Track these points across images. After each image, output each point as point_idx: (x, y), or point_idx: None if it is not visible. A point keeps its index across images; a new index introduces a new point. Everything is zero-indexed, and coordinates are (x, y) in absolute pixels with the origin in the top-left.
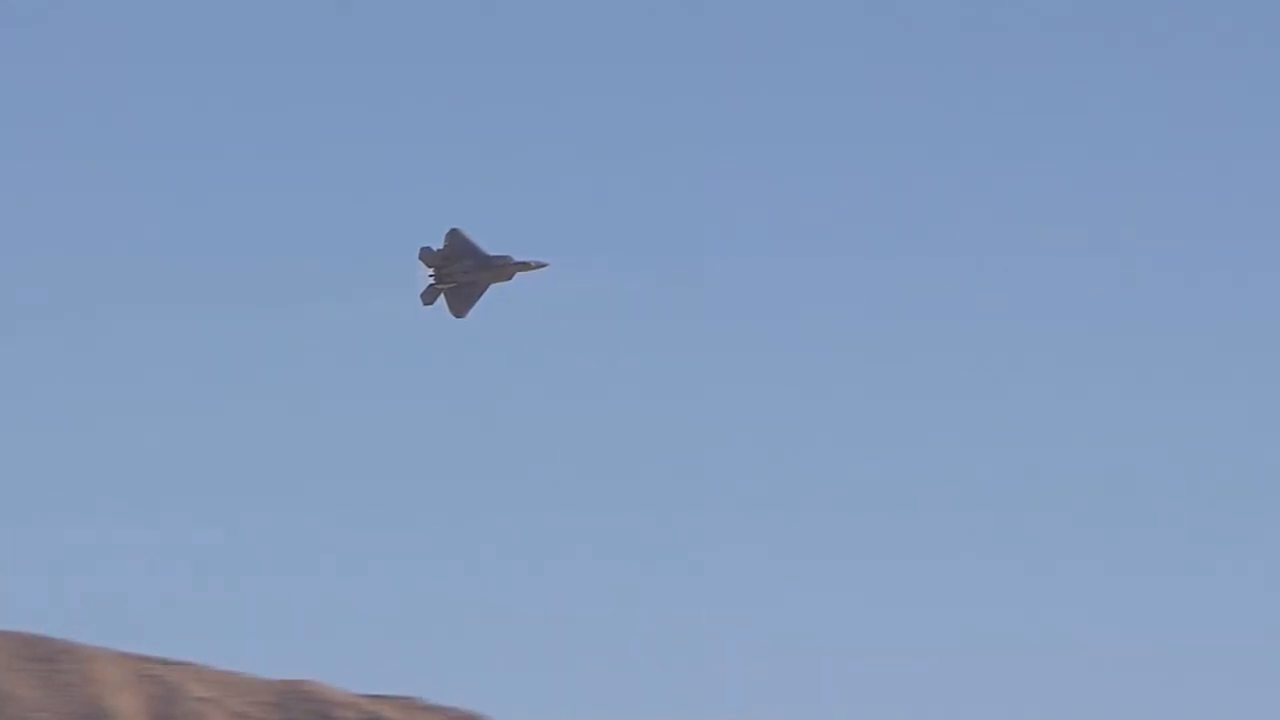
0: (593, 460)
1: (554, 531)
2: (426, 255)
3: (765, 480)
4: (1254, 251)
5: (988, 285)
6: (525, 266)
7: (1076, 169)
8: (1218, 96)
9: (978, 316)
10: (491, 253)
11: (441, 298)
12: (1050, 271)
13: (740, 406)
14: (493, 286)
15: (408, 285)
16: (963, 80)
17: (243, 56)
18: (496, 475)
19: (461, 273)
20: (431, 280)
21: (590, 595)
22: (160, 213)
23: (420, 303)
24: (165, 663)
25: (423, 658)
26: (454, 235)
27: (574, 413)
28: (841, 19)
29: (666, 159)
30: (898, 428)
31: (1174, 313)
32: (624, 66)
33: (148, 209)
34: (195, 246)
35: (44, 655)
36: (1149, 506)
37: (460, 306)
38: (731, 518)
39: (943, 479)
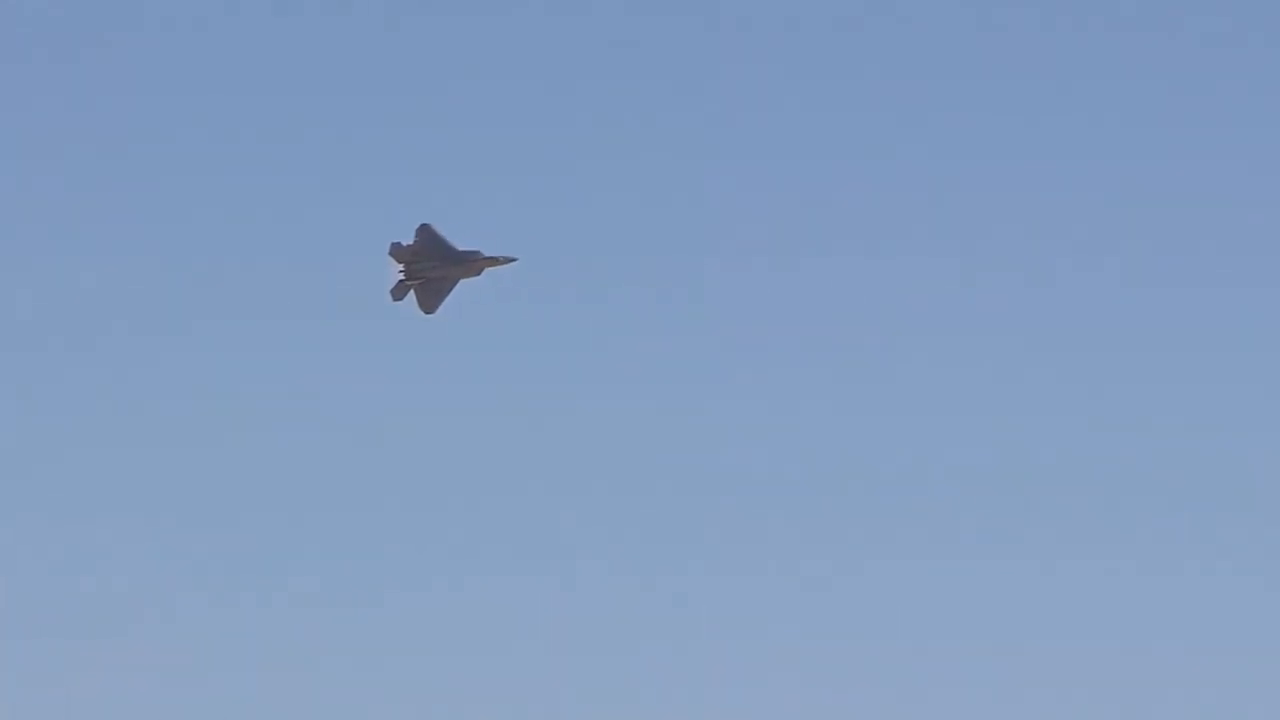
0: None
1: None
2: (397, 251)
3: (758, 484)
4: (1257, 253)
5: (987, 288)
6: (494, 262)
7: (1078, 170)
8: (1218, 97)
9: (978, 319)
10: (461, 248)
11: (411, 294)
12: (1052, 273)
13: (733, 409)
14: (462, 282)
15: (378, 281)
16: (962, 82)
17: (218, 49)
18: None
19: (431, 268)
20: (401, 276)
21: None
22: (125, 206)
23: (390, 298)
24: None
25: None
26: (424, 231)
27: (538, 411)
28: (839, 18)
29: (656, 158)
30: (899, 431)
31: (1177, 315)
32: (619, 63)
33: (110, 204)
34: (163, 241)
35: None
36: (1154, 510)
37: (429, 302)
38: (723, 521)
39: (945, 482)
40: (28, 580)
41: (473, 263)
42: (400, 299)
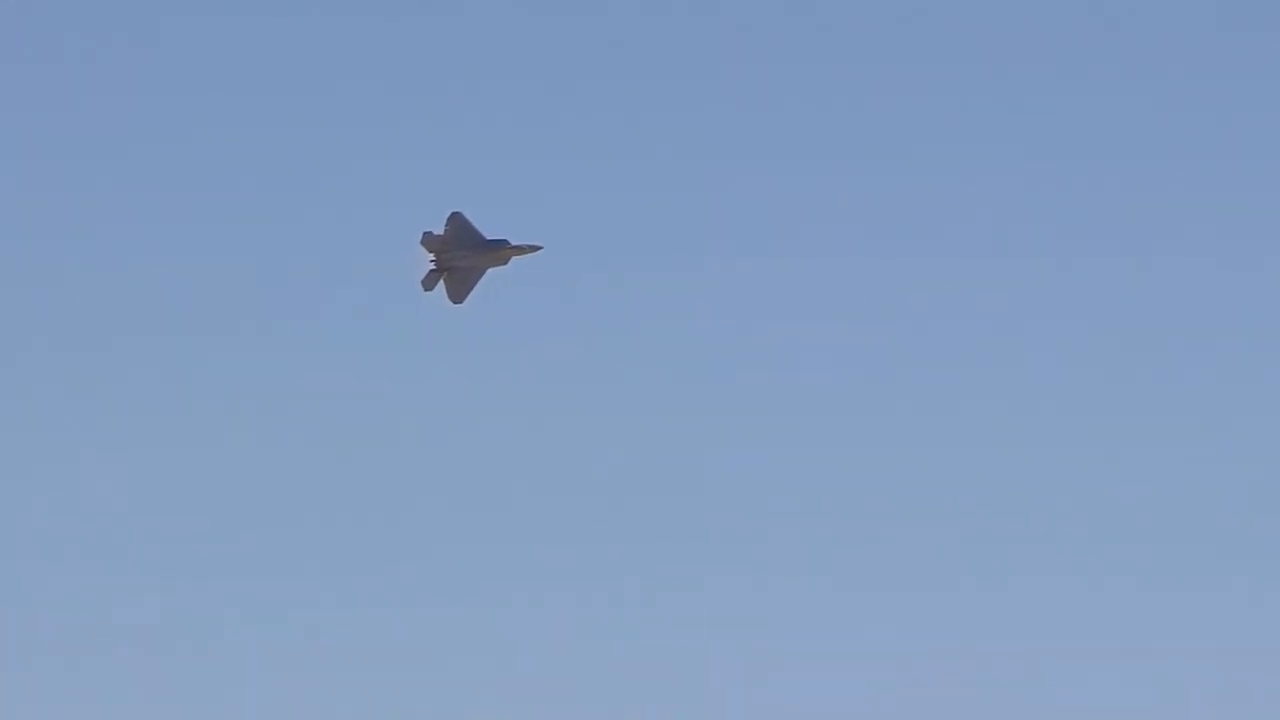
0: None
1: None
2: (428, 240)
3: (764, 488)
4: (1261, 253)
5: (990, 289)
6: (520, 250)
7: (1081, 169)
8: (1219, 96)
9: (980, 321)
10: (490, 237)
11: (441, 283)
12: (1060, 274)
13: (739, 409)
14: (490, 272)
15: (409, 270)
16: (963, 80)
17: (240, 40)
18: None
19: (460, 257)
20: (432, 265)
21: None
22: (141, 196)
23: (421, 289)
24: None
25: None
26: (455, 219)
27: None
28: (841, 16)
29: (671, 155)
30: (903, 435)
31: (1184, 315)
32: (628, 61)
33: (130, 203)
34: (187, 227)
35: None
36: (1159, 515)
37: (458, 292)
38: (729, 526)
39: (948, 484)
40: (28, 581)
41: (500, 251)
42: (431, 289)
